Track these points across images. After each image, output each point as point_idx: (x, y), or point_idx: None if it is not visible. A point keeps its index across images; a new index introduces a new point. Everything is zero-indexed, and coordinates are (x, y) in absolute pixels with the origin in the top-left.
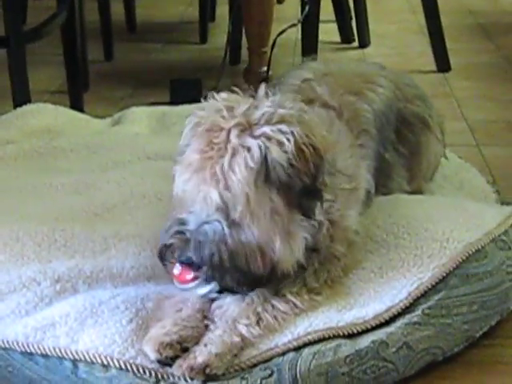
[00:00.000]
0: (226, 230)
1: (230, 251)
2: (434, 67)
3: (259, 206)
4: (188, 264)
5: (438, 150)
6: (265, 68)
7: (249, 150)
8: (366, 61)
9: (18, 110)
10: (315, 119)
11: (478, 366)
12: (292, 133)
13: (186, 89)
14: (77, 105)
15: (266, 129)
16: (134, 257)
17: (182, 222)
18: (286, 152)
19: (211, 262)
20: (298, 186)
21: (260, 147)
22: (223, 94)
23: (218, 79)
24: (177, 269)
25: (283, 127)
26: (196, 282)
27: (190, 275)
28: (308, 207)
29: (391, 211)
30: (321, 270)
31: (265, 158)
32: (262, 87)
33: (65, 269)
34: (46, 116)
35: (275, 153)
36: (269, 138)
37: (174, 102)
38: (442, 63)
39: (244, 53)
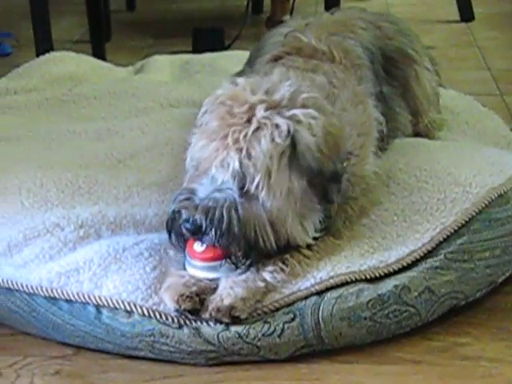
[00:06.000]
0: (238, 199)
1: (240, 219)
2: (457, 17)
3: (278, 182)
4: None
5: (431, 80)
6: (287, 17)
7: (277, 126)
8: (383, 13)
9: (41, 58)
10: (329, 107)
11: (500, 312)
12: (320, 119)
13: (208, 38)
14: (99, 54)
15: (297, 112)
16: (157, 205)
17: (192, 191)
18: (314, 136)
19: (219, 226)
20: (327, 171)
21: (289, 127)
22: (242, 78)
23: (240, 28)
24: (200, 245)
25: (312, 112)
26: (218, 261)
27: (214, 253)
28: (331, 192)
29: (413, 155)
30: (338, 211)
31: (292, 141)
32: (277, 71)
33: (88, 214)
34: (69, 64)
35: (305, 136)
36: (299, 121)
37: (196, 50)
38: (466, 13)
39: (267, 2)
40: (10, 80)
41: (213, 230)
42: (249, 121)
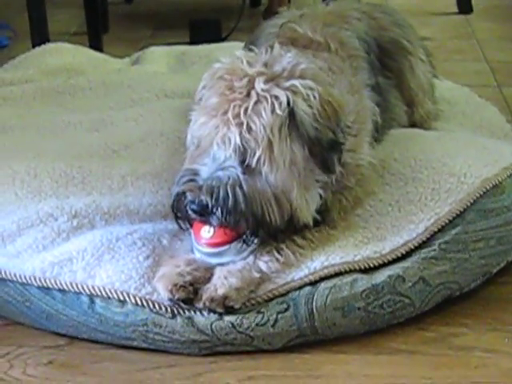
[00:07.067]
0: (241, 175)
1: (246, 195)
2: (455, 9)
3: (280, 153)
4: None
5: (425, 71)
6: (285, 8)
7: (276, 98)
8: (378, 4)
9: (37, 49)
10: (327, 78)
11: (494, 302)
12: (317, 89)
13: (205, 29)
14: (96, 46)
15: (295, 82)
16: (151, 195)
17: (195, 173)
18: (311, 107)
19: (225, 205)
20: (325, 140)
21: (288, 98)
22: (241, 51)
23: (237, 20)
24: (207, 231)
25: (310, 83)
26: (226, 246)
27: (222, 238)
28: (331, 161)
29: (408, 145)
30: (333, 201)
31: (291, 111)
32: (277, 45)
33: (82, 205)
34: (65, 55)
35: (302, 107)
36: (295, 92)
37: (193, 42)
38: (464, 5)
39: None
40: (5, 71)
41: (219, 208)
42: (248, 94)
